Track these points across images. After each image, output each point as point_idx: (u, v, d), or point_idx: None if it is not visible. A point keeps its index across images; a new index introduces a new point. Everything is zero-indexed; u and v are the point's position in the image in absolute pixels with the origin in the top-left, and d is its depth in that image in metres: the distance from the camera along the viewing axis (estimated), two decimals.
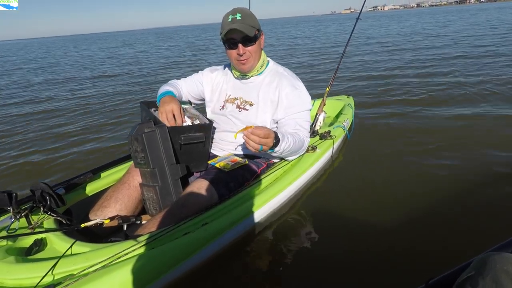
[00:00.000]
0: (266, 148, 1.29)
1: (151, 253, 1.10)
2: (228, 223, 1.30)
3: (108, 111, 4.34)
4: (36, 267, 1.02)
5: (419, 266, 1.26)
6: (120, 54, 14.40)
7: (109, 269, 1.01)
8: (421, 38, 10.74)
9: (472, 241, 1.38)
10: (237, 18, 1.43)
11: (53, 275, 1.00)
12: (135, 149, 1.45)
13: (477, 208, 1.63)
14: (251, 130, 1.21)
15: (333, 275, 1.26)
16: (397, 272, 1.26)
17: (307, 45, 11.79)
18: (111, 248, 1.08)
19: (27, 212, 1.20)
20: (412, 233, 1.46)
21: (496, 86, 3.99)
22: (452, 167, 2.04)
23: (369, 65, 6.32)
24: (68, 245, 1.12)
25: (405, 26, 18.02)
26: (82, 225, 1.26)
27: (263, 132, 1.23)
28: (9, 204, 1.13)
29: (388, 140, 2.55)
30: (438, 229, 1.50)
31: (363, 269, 1.28)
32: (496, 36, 9.23)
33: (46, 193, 1.25)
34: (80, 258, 1.05)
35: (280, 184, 1.55)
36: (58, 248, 1.14)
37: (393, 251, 1.36)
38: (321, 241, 1.47)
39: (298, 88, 1.61)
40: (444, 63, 5.81)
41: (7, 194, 1.12)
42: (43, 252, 1.15)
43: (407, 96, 3.85)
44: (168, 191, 1.42)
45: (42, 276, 0.97)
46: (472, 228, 1.48)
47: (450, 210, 1.63)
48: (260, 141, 1.24)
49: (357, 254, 1.36)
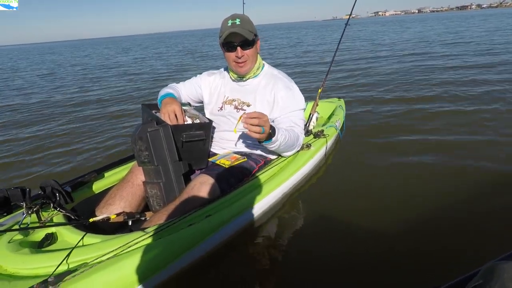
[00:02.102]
0: (267, 129, 1.35)
1: (159, 242, 1.16)
2: (230, 216, 1.38)
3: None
4: (51, 257, 1.08)
5: (418, 266, 1.29)
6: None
7: (120, 258, 1.08)
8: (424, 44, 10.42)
9: (475, 246, 1.38)
10: (236, 23, 1.53)
11: (68, 264, 1.05)
12: (139, 148, 1.52)
13: (477, 213, 1.61)
14: (246, 115, 1.30)
15: (326, 262, 1.35)
16: (396, 270, 1.28)
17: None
18: (121, 238, 1.14)
19: (38, 207, 1.25)
20: (401, 226, 1.53)
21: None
22: (437, 166, 2.14)
23: (364, 69, 6.50)
24: (79, 237, 1.18)
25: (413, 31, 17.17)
26: (90, 220, 1.32)
27: (256, 113, 1.31)
28: (22, 200, 1.19)
29: (378, 139, 2.67)
30: (440, 228, 1.52)
31: (356, 262, 1.33)
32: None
33: (56, 190, 1.31)
34: (93, 248, 1.11)
35: (277, 180, 1.64)
36: (70, 240, 1.20)
37: (386, 247, 1.40)
38: (314, 231, 1.56)
39: (292, 89, 1.70)
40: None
41: (20, 190, 1.18)
42: (55, 245, 1.21)
43: (399, 95, 4.04)
44: (172, 187, 1.49)
45: (57, 265, 1.03)
46: (476, 234, 1.46)
47: (449, 209, 1.65)
48: (259, 122, 1.31)
49: (349, 245, 1.43)
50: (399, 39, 12.74)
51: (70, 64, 14.19)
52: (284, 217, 1.64)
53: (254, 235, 1.51)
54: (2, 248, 1.13)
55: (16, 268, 1.07)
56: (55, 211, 1.32)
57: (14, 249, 1.12)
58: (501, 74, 4.87)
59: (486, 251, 1.34)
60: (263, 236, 1.52)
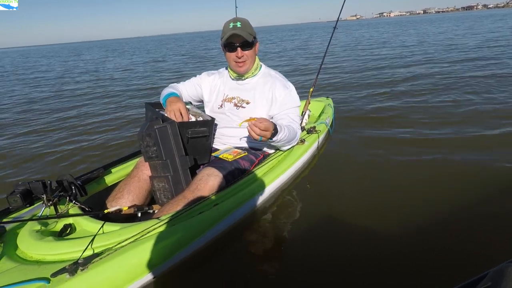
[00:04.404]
0: (264, 139, 1.50)
1: (173, 228, 1.27)
2: (236, 204, 1.50)
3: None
4: (74, 244, 1.17)
5: (422, 265, 1.30)
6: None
7: (141, 242, 1.18)
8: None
9: (484, 247, 1.37)
10: (237, 26, 1.65)
11: (93, 249, 1.14)
12: (147, 144, 1.61)
13: (485, 213, 1.60)
14: (254, 122, 1.43)
15: (321, 243, 1.49)
16: (395, 270, 1.30)
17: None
18: (139, 225, 1.24)
19: (56, 200, 1.33)
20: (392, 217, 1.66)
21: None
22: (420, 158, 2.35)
23: (353, 70, 6.76)
24: (96, 226, 1.27)
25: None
26: (105, 211, 1.41)
27: (264, 125, 1.44)
28: (43, 192, 1.26)
29: (364, 133, 2.86)
30: (443, 226, 1.53)
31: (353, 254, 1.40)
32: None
33: (72, 183, 1.39)
34: (114, 234, 1.20)
35: (276, 171, 1.77)
36: (88, 229, 1.29)
37: (373, 233, 1.50)
38: (308, 212, 1.75)
39: (288, 88, 1.84)
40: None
41: (41, 183, 1.25)
42: (74, 234, 1.29)
43: (385, 95, 4.28)
44: (179, 179, 1.59)
45: (83, 250, 1.12)
46: (486, 235, 1.45)
47: (445, 205, 1.70)
48: (261, 133, 1.45)
49: (341, 232, 1.56)
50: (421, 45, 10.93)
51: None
52: (283, 205, 1.78)
53: (257, 221, 1.65)
54: (26, 237, 1.21)
55: (41, 254, 1.15)
56: (71, 204, 1.40)
57: (37, 238, 1.19)
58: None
59: (495, 253, 1.32)
60: (265, 221, 1.66)
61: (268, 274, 1.32)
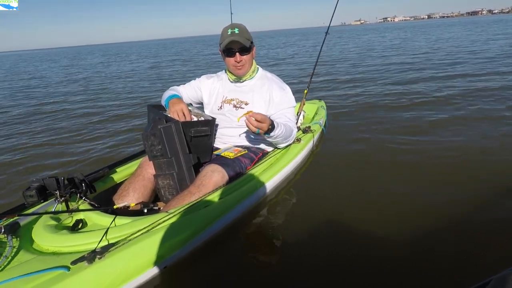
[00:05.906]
0: (261, 132, 1.59)
1: (182, 221, 1.34)
2: (238, 199, 1.58)
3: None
4: (88, 236, 1.23)
5: (419, 269, 1.29)
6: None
7: (153, 233, 1.25)
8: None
9: (484, 254, 1.35)
10: (235, 32, 1.75)
11: (107, 240, 1.21)
12: (151, 143, 1.68)
13: (486, 217, 1.59)
14: (251, 114, 1.52)
15: (317, 237, 1.57)
16: (391, 267, 1.31)
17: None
18: (150, 218, 1.31)
19: (67, 196, 1.39)
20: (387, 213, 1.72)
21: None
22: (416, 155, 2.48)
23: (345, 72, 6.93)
24: (107, 221, 1.33)
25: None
26: (114, 207, 1.47)
27: (260, 116, 1.53)
28: (56, 188, 1.32)
29: (356, 135, 2.98)
30: (441, 227, 1.52)
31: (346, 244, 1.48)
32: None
33: (82, 181, 1.45)
34: (126, 226, 1.27)
35: (275, 168, 1.87)
36: (100, 223, 1.35)
37: (367, 227, 1.55)
38: (305, 203, 1.86)
39: (285, 89, 1.94)
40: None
41: (55, 179, 1.32)
42: (87, 228, 1.35)
43: (375, 98, 4.44)
44: (183, 176, 1.67)
45: (98, 241, 1.18)
46: (486, 241, 1.43)
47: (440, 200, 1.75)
48: (257, 125, 1.54)
49: (338, 228, 1.63)
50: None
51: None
52: (281, 201, 1.87)
53: (258, 214, 1.74)
54: (41, 231, 1.26)
55: (57, 246, 1.21)
56: (81, 200, 1.46)
57: (52, 231, 1.25)
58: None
59: (495, 254, 1.32)
60: (266, 215, 1.75)
61: (269, 269, 1.39)
